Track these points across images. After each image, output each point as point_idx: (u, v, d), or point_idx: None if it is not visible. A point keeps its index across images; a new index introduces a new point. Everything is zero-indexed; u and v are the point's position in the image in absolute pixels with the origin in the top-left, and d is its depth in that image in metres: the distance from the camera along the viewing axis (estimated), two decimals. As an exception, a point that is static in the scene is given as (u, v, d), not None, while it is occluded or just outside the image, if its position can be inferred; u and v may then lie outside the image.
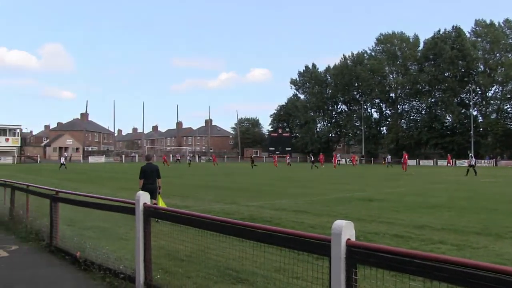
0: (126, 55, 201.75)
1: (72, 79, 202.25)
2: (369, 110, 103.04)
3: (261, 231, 4.39)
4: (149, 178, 12.97)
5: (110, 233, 9.71)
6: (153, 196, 11.61)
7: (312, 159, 63.51)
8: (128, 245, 7.96)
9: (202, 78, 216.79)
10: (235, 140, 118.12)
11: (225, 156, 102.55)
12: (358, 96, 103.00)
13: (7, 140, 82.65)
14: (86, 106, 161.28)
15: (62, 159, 54.78)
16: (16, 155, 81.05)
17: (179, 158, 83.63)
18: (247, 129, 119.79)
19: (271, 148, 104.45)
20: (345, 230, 3.50)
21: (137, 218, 6.07)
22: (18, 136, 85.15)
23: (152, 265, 5.98)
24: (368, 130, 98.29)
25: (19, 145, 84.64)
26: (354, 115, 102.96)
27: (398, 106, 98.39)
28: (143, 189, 12.08)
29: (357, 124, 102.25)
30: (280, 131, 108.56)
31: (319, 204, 16.35)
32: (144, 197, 6.10)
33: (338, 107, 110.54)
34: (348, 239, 3.50)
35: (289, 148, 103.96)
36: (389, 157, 70.76)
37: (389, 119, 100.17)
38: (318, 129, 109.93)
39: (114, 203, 7.48)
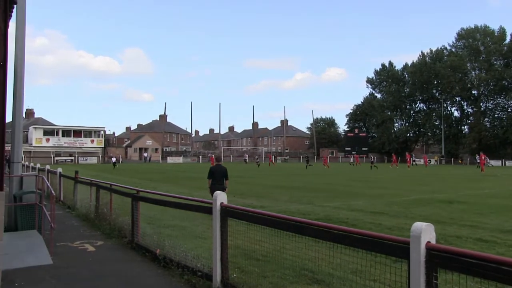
0: (203, 58, 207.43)
1: (151, 82, 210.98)
2: (449, 109, 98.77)
3: (337, 232, 4.33)
4: (217, 179, 13.31)
5: (188, 231, 9.98)
6: None
7: (372, 159, 62.15)
8: (205, 243, 8.15)
9: (277, 79, 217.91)
10: (310, 140, 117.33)
11: (301, 157, 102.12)
12: (437, 94, 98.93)
13: (92, 141, 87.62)
14: (165, 108, 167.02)
15: (113, 159, 61.95)
16: (100, 155, 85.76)
17: (246, 158, 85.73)
18: (323, 129, 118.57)
19: (347, 148, 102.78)
20: (425, 233, 3.38)
21: (214, 217, 6.20)
22: (102, 137, 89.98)
23: (228, 264, 6.08)
24: (448, 130, 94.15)
25: (103, 146, 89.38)
26: (433, 114, 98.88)
27: (481, 104, 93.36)
28: (211, 188, 12.88)
29: (436, 123, 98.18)
30: (356, 131, 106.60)
31: (397, 206, 15.88)
32: (221, 197, 6.21)
33: (416, 105, 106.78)
34: (428, 242, 3.38)
35: (366, 148, 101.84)
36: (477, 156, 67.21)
37: (471, 118, 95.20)
38: (395, 129, 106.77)
39: (191, 202, 7.68)
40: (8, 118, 5.81)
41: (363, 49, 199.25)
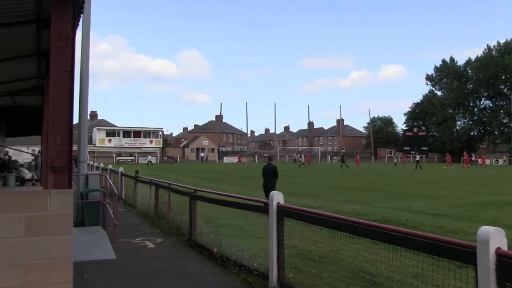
0: (258, 58, 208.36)
1: (207, 83, 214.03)
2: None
3: (396, 234, 4.24)
4: (267, 177, 13.93)
5: (244, 230, 10.06)
6: (268, 194, 12.27)
7: (418, 158, 60.02)
8: (262, 243, 8.19)
9: (333, 77, 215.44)
10: (367, 140, 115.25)
11: (357, 156, 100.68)
12: (505, 90, 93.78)
13: (151, 141, 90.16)
14: (220, 108, 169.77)
15: (149, 157, 69.41)
16: (158, 155, 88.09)
17: (296, 158, 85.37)
18: (380, 128, 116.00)
19: (405, 148, 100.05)
20: (494, 238, 3.20)
21: (270, 217, 6.22)
22: (160, 138, 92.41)
23: (285, 264, 6.08)
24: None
25: (161, 146, 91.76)
26: (501, 111, 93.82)
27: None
28: (263, 186, 13.96)
29: (504, 121, 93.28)
30: (415, 130, 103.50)
31: (460, 208, 15.30)
32: (277, 197, 6.22)
33: (481, 103, 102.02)
34: (498, 248, 3.20)
35: (426, 148, 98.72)
36: None
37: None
38: (457, 127, 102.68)
39: (247, 201, 7.75)
40: (75, 120, 6.06)
41: (421, 45, 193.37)
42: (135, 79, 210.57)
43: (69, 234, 4.84)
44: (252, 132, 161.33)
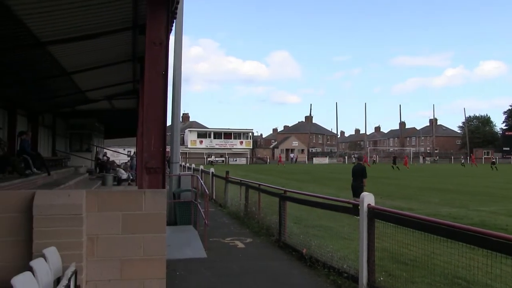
0: (349, 58, 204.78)
1: (298, 83, 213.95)
2: None
3: (496, 240, 3.97)
4: (355, 177, 13.86)
5: (334, 232, 9.94)
6: (355, 194, 12.69)
7: (494, 159, 55.24)
8: (352, 245, 8.05)
9: (426, 76, 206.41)
10: (462, 140, 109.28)
11: (452, 157, 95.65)
12: None
13: (241, 143, 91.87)
14: (310, 109, 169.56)
15: (213, 157, 76.02)
16: (248, 156, 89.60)
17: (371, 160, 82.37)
18: (477, 128, 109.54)
19: (505, 148, 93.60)
20: None
21: (361, 218, 6.10)
22: (250, 139, 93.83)
23: (375, 267, 5.94)
24: None
25: (251, 147, 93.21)
26: None
27: None
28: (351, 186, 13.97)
29: None
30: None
31: None
32: (368, 198, 6.09)
33: None
34: None
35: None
36: None
37: None
38: None
39: (337, 203, 7.65)
40: (168, 122, 6.34)
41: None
42: (226, 81, 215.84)
43: (163, 233, 5.05)
44: (342, 132, 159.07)
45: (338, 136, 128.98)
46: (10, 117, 14.71)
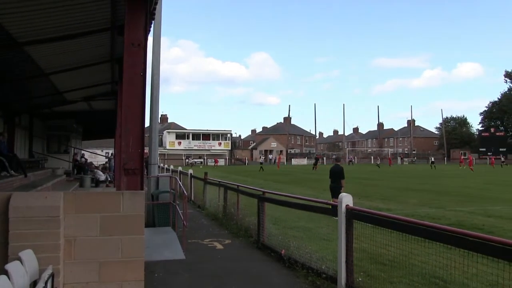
0: (329, 60, 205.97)
1: (277, 85, 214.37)
2: None
3: (472, 239, 4.04)
4: (333, 178, 14.00)
5: (313, 233, 9.98)
6: (334, 195, 12.84)
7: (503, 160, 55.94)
8: (330, 245, 8.08)
9: (404, 78, 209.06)
10: (440, 141, 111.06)
11: (429, 158, 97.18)
12: None
13: (219, 144, 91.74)
14: (289, 110, 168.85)
15: (191, 159, 75.90)
16: (227, 157, 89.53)
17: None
18: (454, 129, 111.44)
19: (481, 149, 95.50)
20: None
21: (339, 219, 6.14)
22: (229, 140, 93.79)
23: (354, 267, 5.98)
24: None
25: (229, 148, 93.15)
26: None
27: None
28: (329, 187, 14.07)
29: None
30: (492, 130, 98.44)
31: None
32: (346, 199, 6.12)
33: None
34: None
35: (504, 149, 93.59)
36: None
37: None
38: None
39: (316, 204, 7.68)
40: (146, 123, 6.29)
41: (500, 42, 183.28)
42: (205, 82, 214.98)
43: (141, 234, 5.01)
44: (321, 134, 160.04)
45: (317, 137, 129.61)
46: (-14, 118, 14.44)
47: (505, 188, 25.27)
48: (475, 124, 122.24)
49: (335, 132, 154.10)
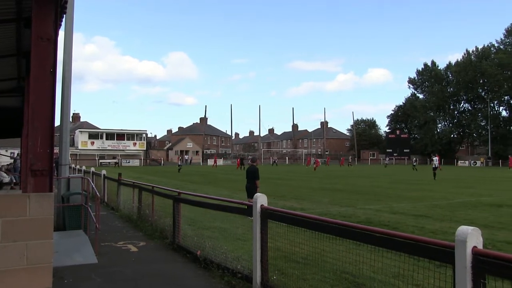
0: (246, 61, 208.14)
1: (194, 85, 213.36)
2: (496, 109, 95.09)
3: (379, 235, 4.27)
4: (249, 179, 14.09)
5: (228, 233, 10.03)
6: (250, 195, 13.02)
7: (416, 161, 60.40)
8: (246, 245, 8.18)
9: (319, 81, 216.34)
10: (351, 142, 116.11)
11: (341, 158, 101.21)
12: (483, 93, 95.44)
13: (134, 144, 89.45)
14: (205, 110, 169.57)
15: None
16: (142, 158, 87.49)
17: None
18: (364, 131, 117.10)
19: (388, 150, 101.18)
20: (471, 237, 3.29)
21: (254, 219, 6.22)
22: (144, 140, 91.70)
23: (268, 266, 6.08)
24: (496, 130, 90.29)
25: (144, 148, 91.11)
26: (479, 114, 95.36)
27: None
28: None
29: (482, 124, 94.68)
30: (398, 132, 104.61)
31: (441, 209, 15.49)
32: (261, 199, 6.21)
33: (461, 106, 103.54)
34: (475, 246, 3.28)
35: (408, 150, 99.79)
36: None
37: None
38: (438, 130, 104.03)
39: (231, 204, 7.73)
40: (56, 122, 6.00)
41: (407, 49, 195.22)
42: (121, 81, 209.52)
43: (49, 239, 4.77)
44: (237, 134, 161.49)
45: (233, 138, 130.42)
46: None
47: (407, 187, 27.05)
48: (383, 126, 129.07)
49: (251, 133, 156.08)
